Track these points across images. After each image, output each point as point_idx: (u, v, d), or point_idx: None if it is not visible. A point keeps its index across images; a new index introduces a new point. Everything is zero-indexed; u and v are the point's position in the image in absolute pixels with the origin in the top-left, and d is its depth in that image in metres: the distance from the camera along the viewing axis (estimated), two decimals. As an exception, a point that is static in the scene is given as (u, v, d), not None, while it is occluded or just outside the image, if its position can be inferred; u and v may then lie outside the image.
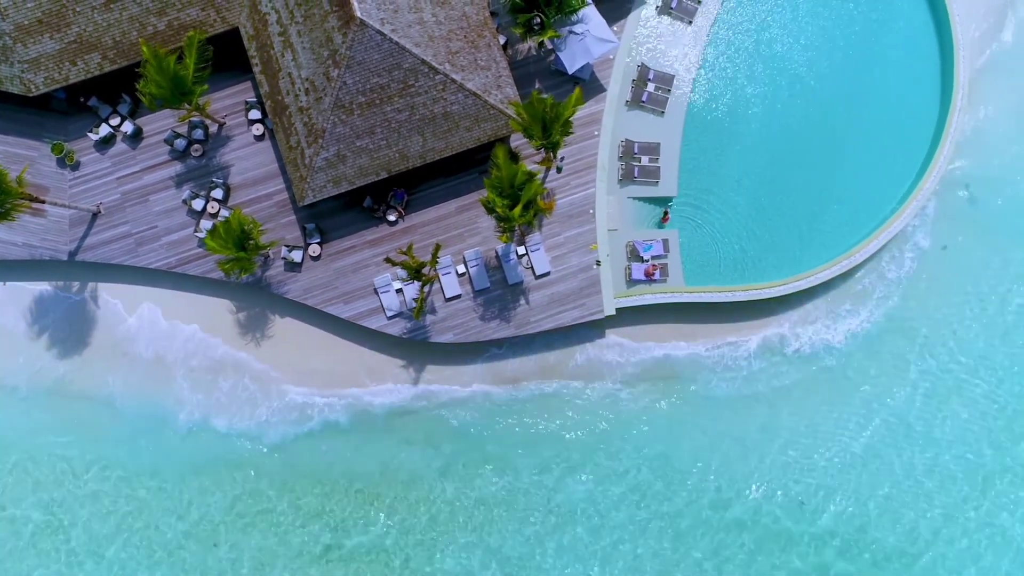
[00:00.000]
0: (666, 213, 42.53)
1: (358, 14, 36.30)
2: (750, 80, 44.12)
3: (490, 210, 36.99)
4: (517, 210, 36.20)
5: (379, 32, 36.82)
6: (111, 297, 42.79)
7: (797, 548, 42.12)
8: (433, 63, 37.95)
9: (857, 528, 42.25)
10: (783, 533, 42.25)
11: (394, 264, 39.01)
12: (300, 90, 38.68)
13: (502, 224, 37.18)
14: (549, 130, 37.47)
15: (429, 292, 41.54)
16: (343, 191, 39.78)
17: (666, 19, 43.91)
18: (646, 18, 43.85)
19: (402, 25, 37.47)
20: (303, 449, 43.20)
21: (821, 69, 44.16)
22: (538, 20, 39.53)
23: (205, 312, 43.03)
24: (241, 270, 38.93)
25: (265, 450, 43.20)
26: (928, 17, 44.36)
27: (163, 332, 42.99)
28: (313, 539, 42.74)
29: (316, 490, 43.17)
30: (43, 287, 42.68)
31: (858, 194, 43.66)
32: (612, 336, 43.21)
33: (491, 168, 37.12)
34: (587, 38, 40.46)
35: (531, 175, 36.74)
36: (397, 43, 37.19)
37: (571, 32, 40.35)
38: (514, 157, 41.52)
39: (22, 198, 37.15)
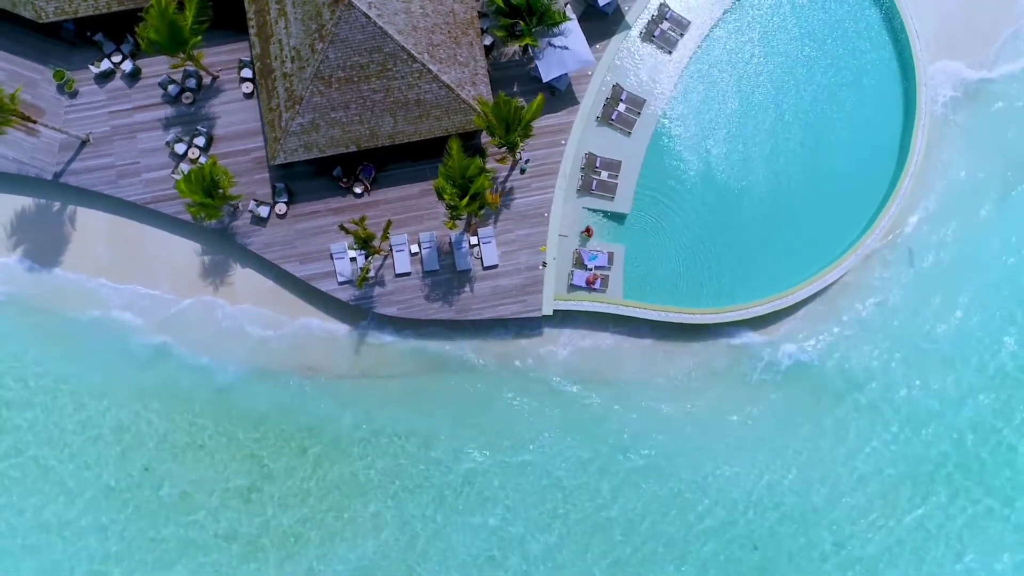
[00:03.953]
0: (589, 228, 44.56)
1: (347, -5, 38.78)
2: (718, 115, 46.17)
3: (440, 196, 39.28)
4: (464, 200, 38.47)
5: (365, 15, 39.25)
6: (87, 221, 45.33)
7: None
8: (413, 51, 40.32)
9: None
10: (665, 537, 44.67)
11: (347, 232, 41.39)
12: (287, 57, 41.16)
13: (450, 211, 39.47)
14: (511, 131, 39.73)
15: (380, 266, 43.96)
16: (313, 157, 42.23)
17: (648, 46, 46.00)
18: (629, 42, 45.95)
19: (388, 12, 39.86)
20: (247, 394, 45.35)
21: (788, 115, 46.16)
22: (519, 26, 41.73)
23: (173, 249, 45.45)
24: (206, 216, 41.44)
25: (212, 388, 45.38)
26: (897, 79, 46.23)
27: (131, 262, 45.38)
28: (239, 478, 45.01)
29: (251, 434, 45.34)
30: (25, 201, 45.32)
31: (803, 239, 45.60)
32: (547, 334, 45.33)
33: (445, 157, 39.38)
34: (565, 51, 42.67)
35: (483, 169, 38.99)
36: (381, 28, 39.60)
37: (550, 43, 42.56)
38: (480, 152, 43.97)
39: (13, 115, 39.81)
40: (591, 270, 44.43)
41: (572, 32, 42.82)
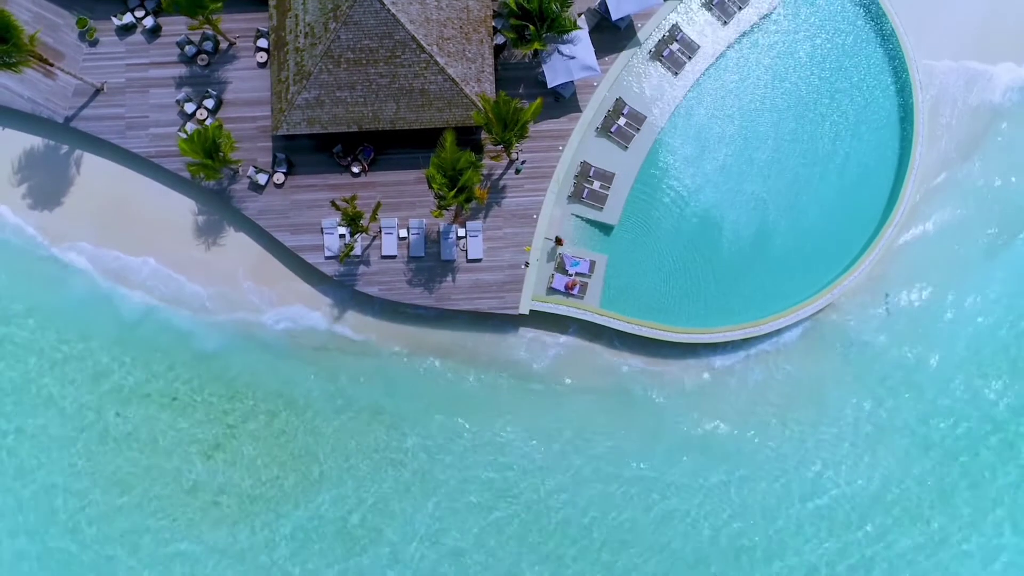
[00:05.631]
0: (558, 238, 45.43)
1: (364, -21, 39.83)
2: (717, 141, 47.02)
3: (430, 184, 40.29)
4: (452, 192, 39.46)
5: (380, 1, 40.29)
6: (90, 168, 46.53)
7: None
8: (423, 42, 41.34)
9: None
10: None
11: (337, 209, 42.43)
12: (301, 32, 42.25)
13: (438, 200, 40.47)
14: (507, 129, 40.68)
15: (368, 246, 45.01)
16: (315, 133, 43.31)
17: (656, 64, 46.83)
18: (637, 58, 46.79)
19: (403, 1, 40.89)
20: (223, 354, 46.48)
21: (784, 149, 46.96)
22: (529, 30, 42.65)
23: (169, 206, 46.56)
24: (205, 176, 42.61)
25: (189, 345, 46.52)
26: (896, 123, 47.01)
27: (127, 213, 46.49)
28: (206, 435, 46.15)
29: (222, 394, 46.38)
30: (34, 141, 46.56)
31: (780, 272, 46.34)
32: (522, 333, 46.26)
33: (439, 148, 40.38)
34: (572, 59, 43.58)
35: (473, 163, 39.95)
36: (394, 15, 40.65)
37: (558, 50, 43.48)
38: (478, 148, 44.93)
39: (32, 55, 41.06)
40: (571, 275, 45.31)
41: (581, 41, 43.74)
